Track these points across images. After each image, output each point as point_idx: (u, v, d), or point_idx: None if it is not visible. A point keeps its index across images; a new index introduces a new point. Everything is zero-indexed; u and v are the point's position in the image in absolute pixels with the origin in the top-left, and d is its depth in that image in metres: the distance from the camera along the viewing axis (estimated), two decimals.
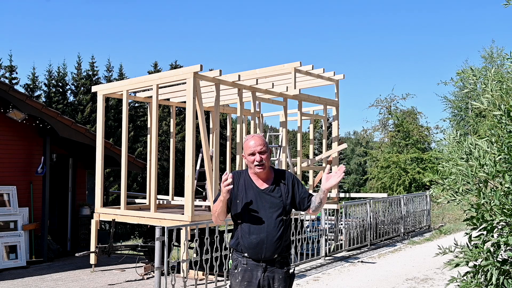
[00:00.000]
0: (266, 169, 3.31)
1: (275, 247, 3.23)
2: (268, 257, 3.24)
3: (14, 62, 24.16)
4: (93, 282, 8.16)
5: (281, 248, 3.26)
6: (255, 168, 3.28)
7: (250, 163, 3.30)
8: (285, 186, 3.34)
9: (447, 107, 30.20)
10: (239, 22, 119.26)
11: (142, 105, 25.67)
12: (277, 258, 3.27)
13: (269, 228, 3.23)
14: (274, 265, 3.27)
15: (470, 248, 2.95)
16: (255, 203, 3.28)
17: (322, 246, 9.23)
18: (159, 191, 13.73)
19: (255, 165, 3.27)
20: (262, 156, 3.26)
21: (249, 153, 3.29)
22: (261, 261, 3.25)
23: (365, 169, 42.69)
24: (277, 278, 3.26)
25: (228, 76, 8.85)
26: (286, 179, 3.37)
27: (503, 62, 21.97)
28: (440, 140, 3.65)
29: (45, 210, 10.20)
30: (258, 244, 3.23)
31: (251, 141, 3.30)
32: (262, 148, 3.27)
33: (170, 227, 6.44)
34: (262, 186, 3.32)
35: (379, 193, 21.44)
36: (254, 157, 3.27)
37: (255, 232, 3.24)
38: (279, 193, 3.31)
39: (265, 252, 3.23)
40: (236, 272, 3.31)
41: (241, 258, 3.30)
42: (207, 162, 8.25)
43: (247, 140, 3.33)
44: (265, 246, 3.22)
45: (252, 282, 3.26)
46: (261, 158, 3.26)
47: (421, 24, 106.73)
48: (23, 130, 10.41)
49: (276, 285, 3.26)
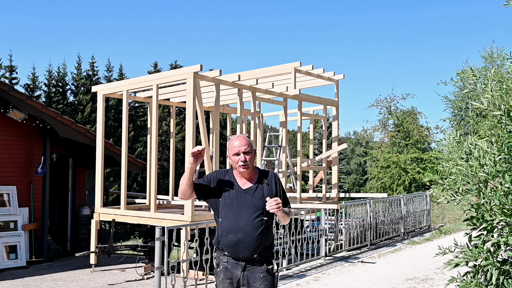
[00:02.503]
0: (250, 169, 3.33)
1: (254, 247, 3.23)
2: (246, 256, 3.25)
3: (14, 62, 24.20)
4: (93, 282, 8.16)
5: (260, 248, 3.25)
6: (239, 168, 3.30)
7: (235, 163, 3.32)
8: (268, 187, 3.34)
9: (447, 107, 30.20)
10: (239, 22, 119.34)
11: (142, 105, 25.67)
12: (256, 257, 3.26)
13: (247, 228, 3.23)
14: (254, 264, 3.26)
15: (470, 248, 2.95)
16: (236, 202, 3.29)
17: (322, 246, 9.23)
18: (159, 191, 13.74)
19: (239, 165, 3.29)
20: (246, 156, 3.28)
21: (234, 153, 3.31)
22: (240, 260, 3.27)
23: (365, 169, 42.70)
24: (257, 277, 3.25)
25: (228, 76, 8.85)
26: (269, 180, 3.38)
27: (503, 62, 21.83)
28: (440, 140, 3.65)
29: (45, 210, 10.20)
30: (236, 243, 3.24)
31: (236, 141, 3.32)
32: (246, 149, 3.29)
33: (170, 227, 6.44)
34: (244, 185, 3.34)
35: (379, 193, 21.43)
36: (238, 157, 3.29)
37: (233, 232, 3.25)
38: (260, 193, 3.31)
39: (243, 251, 3.24)
40: (218, 270, 3.35)
41: (222, 256, 3.33)
42: (207, 162, 8.25)
43: (232, 141, 3.35)
44: (242, 246, 3.23)
45: (233, 280, 3.28)
46: (245, 158, 3.28)
47: (421, 24, 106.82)
48: (23, 130, 10.41)
49: (256, 284, 3.24)
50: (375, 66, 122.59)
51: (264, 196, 3.29)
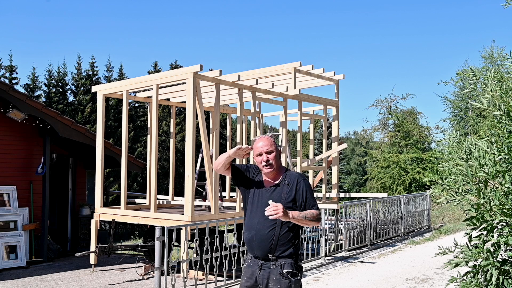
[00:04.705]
0: (274, 169, 3.36)
1: (265, 246, 3.24)
2: (260, 255, 3.29)
3: (14, 62, 24.19)
4: (93, 282, 8.16)
5: (274, 248, 3.23)
6: (263, 168, 3.37)
7: (259, 163, 3.39)
8: (289, 187, 3.33)
9: (447, 107, 30.20)
10: (239, 22, 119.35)
11: (142, 105, 25.68)
12: (272, 257, 3.25)
13: (259, 226, 3.28)
14: (269, 264, 3.27)
15: (470, 248, 2.96)
16: (257, 200, 3.36)
17: (322, 246, 9.23)
18: (159, 191, 13.74)
19: (263, 165, 3.36)
20: (268, 156, 3.33)
21: (257, 154, 3.39)
22: (257, 258, 3.32)
23: (365, 169, 42.66)
24: (272, 278, 3.25)
25: (228, 76, 8.85)
26: (292, 180, 3.35)
27: (503, 62, 21.91)
28: (440, 140, 3.65)
29: (45, 210, 10.20)
30: (249, 241, 3.34)
31: (259, 143, 3.40)
32: (268, 148, 3.35)
33: (170, 227, 6.44)
34: (267, 185, 3.40)
35: (379, 193, 21.44)
36: (261, 157, 3.36)
37: (248, 229, 3.36)
38: (279, 193, 3.31)
39: (256, 250, 3.30)
40: (244, 266, 3.46)
41: (247, 253, 3.45)
42: (207, 162, 8.25)
43: (256, 142, 3.44)
44: (254, 244, 3.29)
45: (252, 278, 3.33)
46: (268, 158, 3.33)
47: (421, 24, 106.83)
48: (23, 130, 10.41)
49: (271, 285, 3.24)
50: (375, 66, 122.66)
51: (282, 196, 3.29)
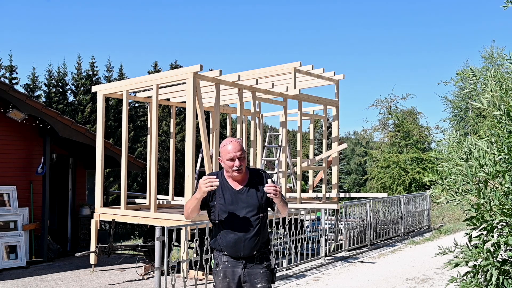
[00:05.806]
0: (243, 173, 3.41)
1: (253, 245, 3.34)
2: (247, 254, 3.35)
3: (14, 62, 24.12)
4: (93, 282, 8.16)
5: (259, 245, 3.38)
6: (233, 172, 3.37)
7: (229, 168, 3.38)
8: (261, 186, 3.42)
9: (447, 107, 30.21)
10: (239, 22, 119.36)
11: (142, 105, 25.65)
12: (256, 254, 3.38)
13: (246, 226, 3.34)
14: (253, 261, 3.37)
15: (470, 248, 2.96)
16: (232, 203, 3.37)
17: (322, 246, 9.23)
18: (159, 191, 13.73)
19: (233, 170, 3.36)
20: (241, 162, 3.35)
21: (229, 159, 3.35)
22: (241, 259, 3.36)
23: (365, 169, 42.68)
24: (257, 273, 3.36)
25: (228, 76, 8.85)
26: (260, 177, 3.47)
27: (503, 62, 21.84)
28: (440, 140, 3.66)
29: (45, 210, 10.20)
30: (236, 242, 3.34)
31: (230, 146, 3.36)
32: (241, 154, 3.36)
33: (170, 227, 6.44)
34: (237, 187, 3.42)
35: (379, 193, 21.43)
36: (233, 162, 3.35)
37: (233, 231, 3.35)
38: (254, 192, 3.41)
39: (243, 250, 3.34)
40: (218, 270, 3.43)
41: (221, 256, 3.41)
42: (207, 162, 8.26)
43: (225, 145, 3.39)
44: (242, 245, 3.33)
45: (234, 279, 3.35)
46: (240, 164, 3.35)
47: (421, 24, 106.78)
48: (23, 130, 10.41)
49: (257, 281, 3.35)
50: (375, 66, 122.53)
51: (258, 195, 3.40)
